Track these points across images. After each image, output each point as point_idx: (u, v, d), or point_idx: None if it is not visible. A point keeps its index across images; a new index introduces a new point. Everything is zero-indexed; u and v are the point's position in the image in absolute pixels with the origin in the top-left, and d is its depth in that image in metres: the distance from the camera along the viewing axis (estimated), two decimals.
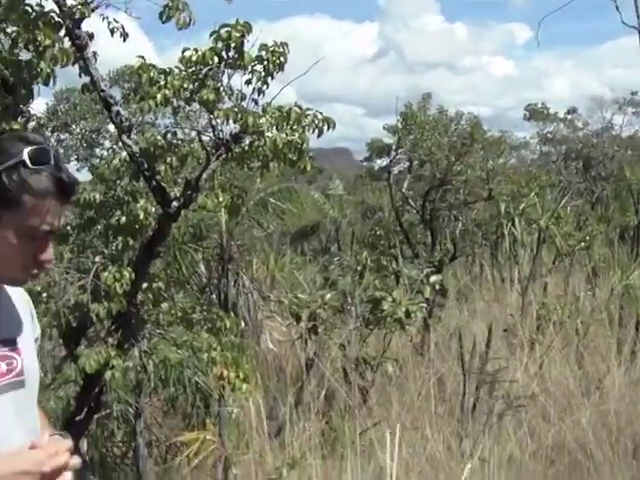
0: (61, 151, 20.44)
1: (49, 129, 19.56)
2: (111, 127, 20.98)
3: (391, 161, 12.66)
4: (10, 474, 2.05)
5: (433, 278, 8.76)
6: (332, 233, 16.00)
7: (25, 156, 2.01)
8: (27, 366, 2.17)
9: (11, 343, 2.14)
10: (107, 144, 19.69)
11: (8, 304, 2.22)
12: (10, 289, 2.24)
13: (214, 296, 7.14)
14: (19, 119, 3.66)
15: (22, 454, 2.09)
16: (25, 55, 3.65)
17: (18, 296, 2.30)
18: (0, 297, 2.19)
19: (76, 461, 2.19)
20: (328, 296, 8.13)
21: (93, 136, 21.00)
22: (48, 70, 3.50)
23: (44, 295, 5.39)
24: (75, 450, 2.26)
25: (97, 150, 20.72)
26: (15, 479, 2.05)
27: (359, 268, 9.00)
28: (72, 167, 21.14)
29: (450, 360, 8.40)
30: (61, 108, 20.71)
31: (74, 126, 21.21)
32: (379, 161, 13.74)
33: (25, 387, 2.16)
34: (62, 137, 20.88)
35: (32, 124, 4.01)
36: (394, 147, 12.50)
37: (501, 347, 8.73)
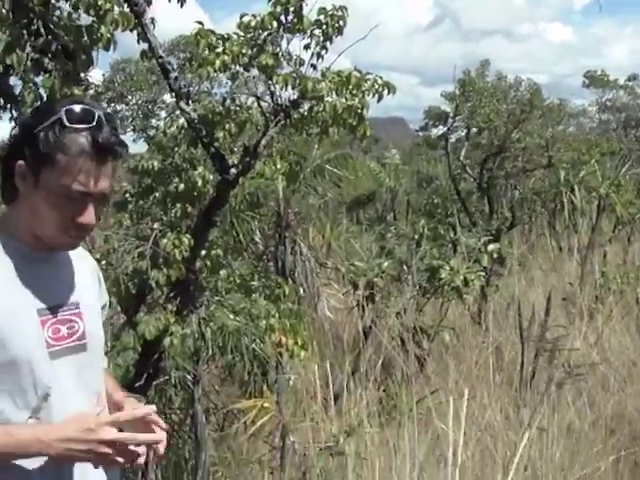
0: (117, 122, 20.53)
1: (105, 100, 19.72)
2: (167, 97, 21.10)
3: (448, 129, 12.51)
4: (60, 440, 2.01)
5: (491, 247, 8.66)
6: (388, 202, 15.92)
7: (62, 114, 2.01)
8: (89, 330, 2.18)
9: (73, 307, 2.15)
10: (163, 114, 19.80)
11: (70, 268, 2.23)
12: (75, 255, 2.25)
13: (271, 264, 7.14)
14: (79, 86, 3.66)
15: (74, 421, 2.06)
16: (85, 21, 3.64)
17: (84, 262, 2.31)
18: (61, 261, 2.20)
19: (153, 436, 2.16)
20: (385, 264, 8.09)
21: (149, 107, 21.13)
22: (108, 35, 3.50)
23: (103, 263, 5.44)
24: None
25: (153, 121, 20.85)
26: (66, 445, 2.01)
27: (416, 237, 8.94)
28: (128, 138, 21.33)
29: (508, 329, 8.32)
30: (117, 79, 20.87)
31: (130, 97, 21.37)
32: (435, 130, 13.59)
33: (87, 351, 2.17)
34: (118, 108, 21.06)
35: (90, 92, 4.02)
36: (452, 114, 12.34)
37: (560, 316, 8.63)
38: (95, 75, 3.95)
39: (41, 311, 2.09)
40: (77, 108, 2.04)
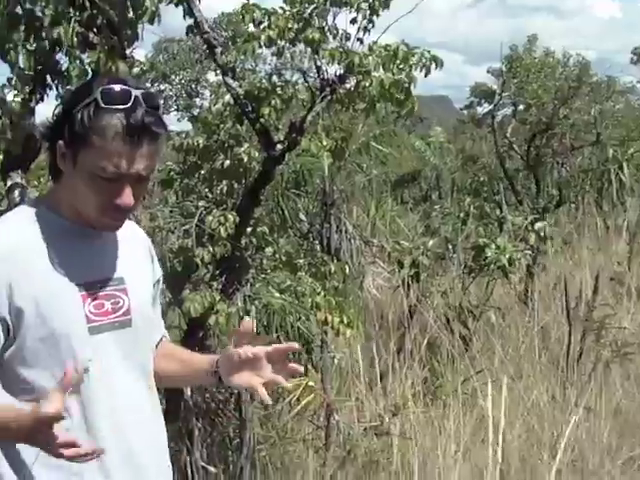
0: (161, 101, 20.68)
1: (149, 80, 19.85)
2: (210, 76, 21.23)
3: (495, 105, 12.36)
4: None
5: (538, 225, 8.55)
6: (432, 181, 15.81)
7: (98, 95, 1.98)
8: (135, 306, 2.18)
9: (117, 282, 2.15)
10: (206, 93, 19.90)
11: (116, 244, 2.22)
12: (124, 230, 2.24)
13: (316, 242, 7.11)
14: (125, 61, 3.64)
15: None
16: None
17: (134, 236, 2.31)
18: (106, 237, 2.20)
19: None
20: (431, 243, 8.03)
21: (192, 86, 21.25)
22: (153, 8, 3.48)
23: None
24: (179, 395, 2.27)
25: (197, 100, 20.98)
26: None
27: (462, 215, 8.86)
28: (172, 117, 21.46)
29: (554, 308, 8.24)
30: (160, 59, 21.00)
31: (173, 76, 21.50)
32: (479, 108, 13.44)
33: (132, 327, 2.17)
34: (162, 88, 21.20)
35: (136, 70, 4.00)
36: (498, 91, 12.19)
37: (607, 296, 8.50)
38: (138, 55, 3.93)
39: (83, 286, 2.09)
40: (113, 88, 2.01)
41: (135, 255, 2.28)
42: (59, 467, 2.03)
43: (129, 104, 1.99)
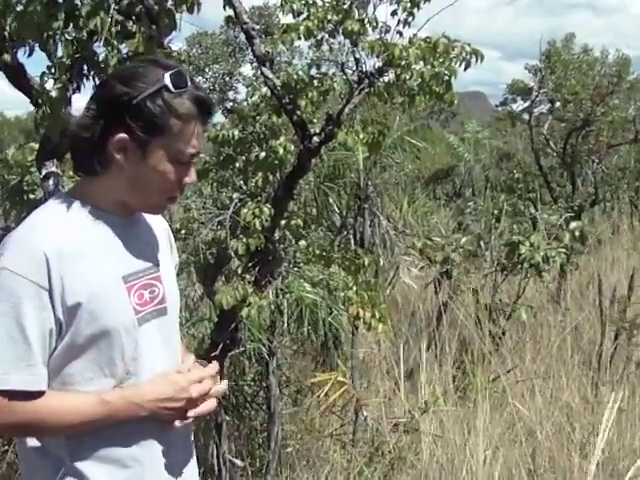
0: None
1: None
2: (244, 69, 21.28)
3: (532, 102, 12.28)
4: (155, 400, 2.08)
5: (573, 224, 8.45)
6: (466, 177, 15.74)
7: (167, 81, 2.01)
8: (168, 293, 2.21)
9: (152, 270, 2.16)
10: (240, 87, 19.95)
11: (148, 232, 2.25)
12: (148, 217, 2.25)
13: (349, 235, 7.09)
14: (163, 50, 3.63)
15: (166, 381, 2.11)
16: None
17: (157, 223, 2.32)
18: (139, 226, 2.21)
19: (221, 387, 2.22)
20: (463, 240, 7.96)
21: (226, 79, 21.29)
22: None
23: (182, 232, 5.45)
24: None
25: (230, 93, 21.03)
26: (161, 404, 2.08)
27: (495, 212, 8.79)
28: None
29: (587, 308, 8.17)
30: (194, 52, 21.06)
31: (207, 70, 21.55)
32: (514, 105, 13.38)
33: (167, 314, 2.20)
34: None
35: (172, 61, 3.97)
36: (536, 87, 12.11)
37: None
38: (173, 47, 3.91)
39: (127, 277, 2.10)
40: (179, 72, 2.03)
41: (161, 240, 2.29)
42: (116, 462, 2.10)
43: (190, 84, 2.04)
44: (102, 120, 2.03)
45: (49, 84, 3.62)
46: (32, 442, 2.09)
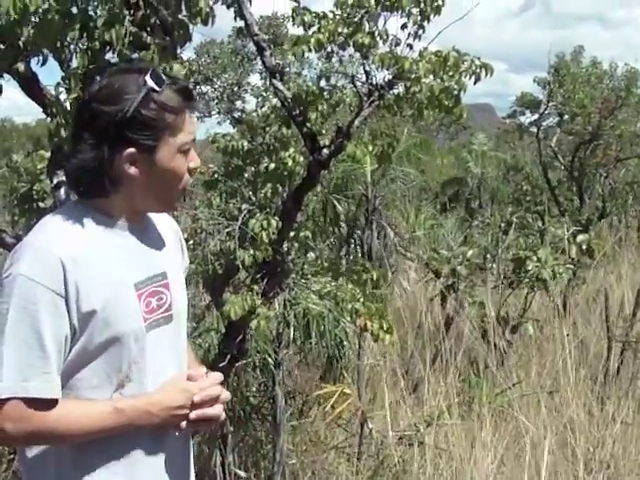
0: (202, 104, 20.98)
1: (192, 82, 19.94)
2: (252, 79, 21.31)
3: (541, 115, 12.29)
4: (168, 408, 2.08)
5: (580, 238, 8.43)
6: (474, 190, 15.73)
7: (150, 83, 2.03)
8: (175, 300, 2.21)
9: (161, 277, 2.17)
10: (248, 97, 19.97)
11: (158, 237, 2.26)
12: (157, 219, 2.26)
13: (355, 247, 7.10)
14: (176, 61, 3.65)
15: (176, 389, 2.13)
16: None
17: (167, 226, 2.34)
18: (149, 231, 2.22)
19: (226, 394, 2.21)
20: (470, 253, 7.95)
21: (234, 89, 21.32)
22: (207, 9, 3.48)
23: (190, 242, 5.46)
24: None
25: (238, 103, 21.06)
26: (173, 412, 2.09)
27: (502, 225, 8.78)
28: (214, 120, 21.63)
29: (594, 322, 8.14)
30: (202, 62, 21.09)
31: (215, 79, 21.58)
32: (523, 118, 13.39)
33: (174, 321, 2.20)
34: (204, 90, 21.32)
35: (183, 71, 3.99)
36: (545, 100, 12.12)
37: None
38: (183, 57, 3.92)
39: (137, 285, 2.11)
40: (154, 72, 2.07)
41: (169, 246, 2.30)
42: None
43: (166, 78, 2.09)
44: (105, 145, 2.03)
45: (63, 94, 3.64)
46: (32, 452, 2.10)
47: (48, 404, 1.99)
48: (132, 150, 2.04)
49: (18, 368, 1.95)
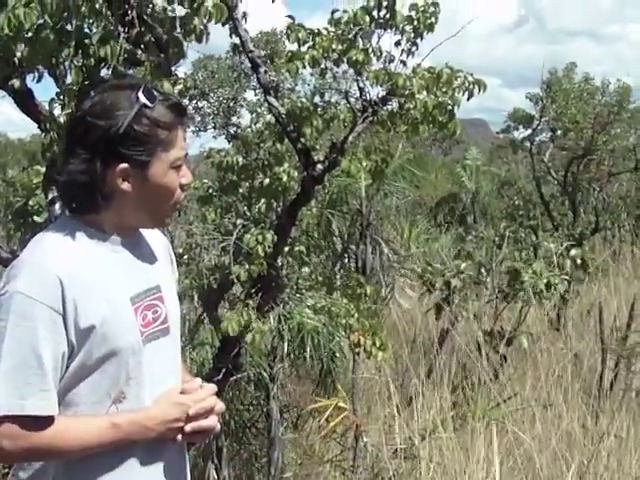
0: (198, 119, 21.00)
1: (187, 97, 19.96)
2: (248, 95, 21.34)
3: (534, 130, 12.35)
4: (164, 422, 2.09)
5: (573, 252, 8.46)
6: (467, 204, 15.78)
7: (143, 99, 2.04)
8: (170, 312, 2.22)
9: (155, 291, 2.18)
10: (244, 112, 20.01)
11: (149, 251, 2.27)
12: (147, 233, 2.28)
13: (349, 262, 7.10)
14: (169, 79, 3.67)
15: (171, 402, 2.14)
16: (177, 13, 3.66)
17: (157, 241, 2.34)
18: (141, 245, 2.24)
19: (221, 405, 2.22)
20: (463, 265, 7.97)
21: (230, 104, 21.35)
22: (201, 27, 3.51)
23: (185, 257, 5.47)
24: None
25: (234, 118, 21.09)
26: (169, 425, 2.10)
27: (496, 239, 8.80)
28: (209, 134, 21.67)
29: (588, 336, 8.15)
30: (199, 77, 21.14)
31: (211, 94, 21.62)
32: (516, 133, 13.45)
33: (170, 334, 2.21)
34: (200, 105, 21.36)
35: (179, 87, 4.02)
36: (537, 116, 12.18)
37: None
38: (179, 72, 3.95)
39: (133, 299, 2.12)
40: (145, 87, 2.08)
41: (161, 259, 2.31)
42: None
43: (158, 94, 2.10)
44: (97, 160, 2.04)
45: (57, 110, 3.66)
46: (26, 473, 2.11)
47: (45, 421, 1.99)
48: (125, 165, 2.05)
49: (15, 386, 1.96)
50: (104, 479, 2.09)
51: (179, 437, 2.14)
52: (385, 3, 4.07)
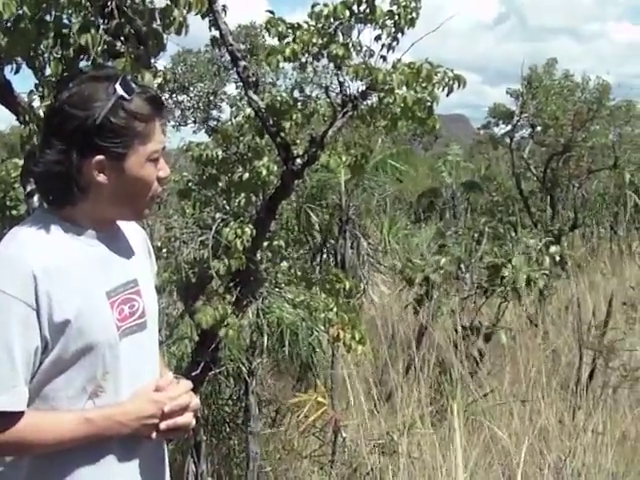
0: (178, 113, 20.95)
1: (167, 91, 19.89)
2: (228, 89, 21.32)
3: (514, 126, 12.39)
4: (138, 419, 2.08)
5: (552, 248, 8.50)
6: (447, 200, 15.80)
7: (120, 91, 2.02)
8: (147, 307, 2.20)
9: (132, 285, 2.16)
10: (224, 106, 19.97)
11: (126, 244, 2.25)
12: (125, 226, 2.26)
13: (328, 256, 7.11)
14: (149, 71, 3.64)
15: (146, 399, 2.13)
16: (157, 5, 3.64)
17: (135, 233, 2.33)
18: (118, 238, 2.22)
19: (196, 402, 2.21)
20: (443, 261, 7.99)
21: (210, 98, 21.31)
22: (181, 19, 3.49)
23: (164, 250, 5.45)
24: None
25: (214, 112, 21.06)
26: (144, 422, 2.09)
27: (476, 235, 8.83)
28: (189, 129, 21.62)
29: (566, 332, 8.19)
30: (178, 70, 21.08)
31: (191, 88, 21.58)
32: (497, 129, 13.48)
33: (147, 328, 2.19)
34: (180, 99, 21.30)
35: (158, 80, 3.99)
36: (517, 112, 12.22)
37: (619, 321, 8.46)
38: (158, 66, 3.92)
39: (109, 293, 2.10)
40: (124, 79, 2.06)
41: (138, 252, 2.29)
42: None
43: (136, 86, 2.08)
44: (73, 151, 2.02)
45: (36, 102, 3.63)
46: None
47: (16, 416, 1.98)
48: (101, 157, 2.03)
49: None
50: (80, 474, 2.08)
51: (154, 435, 2.13)
52: None
